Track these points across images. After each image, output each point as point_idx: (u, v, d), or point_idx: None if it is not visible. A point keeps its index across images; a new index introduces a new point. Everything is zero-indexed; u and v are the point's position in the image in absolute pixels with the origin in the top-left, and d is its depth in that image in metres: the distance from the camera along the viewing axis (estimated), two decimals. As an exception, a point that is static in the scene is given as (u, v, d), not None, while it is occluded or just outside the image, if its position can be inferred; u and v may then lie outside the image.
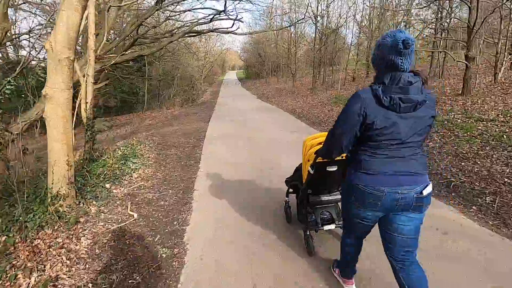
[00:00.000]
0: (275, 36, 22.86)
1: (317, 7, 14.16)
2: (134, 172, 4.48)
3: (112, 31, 13.67)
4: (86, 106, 4.86)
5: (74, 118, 5.13)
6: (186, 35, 11.08)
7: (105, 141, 9.24)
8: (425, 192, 1.43)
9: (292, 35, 19.42)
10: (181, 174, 4.45)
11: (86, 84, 4.78)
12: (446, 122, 5.88)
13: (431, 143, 5.00)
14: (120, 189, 3.80)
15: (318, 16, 13.77)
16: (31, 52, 8.56)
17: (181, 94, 22.21)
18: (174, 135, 7.49)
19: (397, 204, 1.44)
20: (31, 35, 14.90)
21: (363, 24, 14.90)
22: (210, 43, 29.44)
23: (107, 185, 3.81)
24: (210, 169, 4.59)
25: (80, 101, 4.97)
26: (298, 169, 2.58)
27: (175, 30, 11.77)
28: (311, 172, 2.04)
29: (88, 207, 3.17)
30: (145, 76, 18.51)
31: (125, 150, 5.74)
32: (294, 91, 16.10)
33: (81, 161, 4.44)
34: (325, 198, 2.39)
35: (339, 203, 2.18)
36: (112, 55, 9.31)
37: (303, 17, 13.92)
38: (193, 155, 5.45)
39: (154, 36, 12.11)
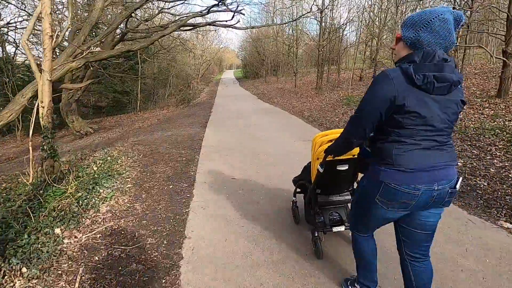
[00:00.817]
0: (275, 33, 21.64)
1: (323, 1, 12.95)
2: (103, 202, 3.25)
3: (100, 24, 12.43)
4: (44, 111, 3.60)
5: (32, 125, 3.93)
6: (180, 28, 9.81)
7: (88, 147, 7.99)
8: (458, 186, 1.31)
9: (294, 31, 18.21)
10: (169, 207, 3.22)
11: (42, 83, 3.53)
12: (498, 131, 4.72)
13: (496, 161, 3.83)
14: (75, 237, 2.57)
15: (325, 10, 12.55)
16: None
17: (177, 93, 20.96)
18: (165, 143, 6.26)
19: (431, 202, 1.31)
20: (10, 28, 13.54)
21: (372, 20, 13.72)
22: (207, 40, 28.17)
23: (57, 230, 2.58)
24: (208, 200, 3.37)
25: (38, 104, 3.71)
26: (306, 168, 2.43)
27: (170, 24, 10.50)
28: (321, 170, 1.89)
29: (12, 281, 1.94)
30: (138, 74, 17.23)
31: (102, 166, 4.51)
32: (297, 91, 14.90)
33: (32, 190, 3.21)
34: (334, 198, 2.29)
35: (349, 204, 2.21)
36: (96, 50, 8.07)
37: (306, 12, 12.71)
38: (186, 175, 4.22)
39: (146, 31, 10.87)
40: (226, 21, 9.49)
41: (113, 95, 18.21)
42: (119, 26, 9.24)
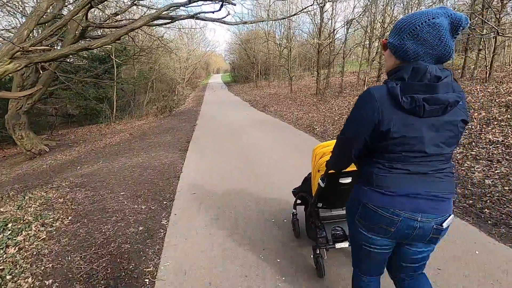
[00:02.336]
0: (266, 34, 19.61)
1: (324, -6, 10.99)
2: None
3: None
4: None
5: None
6: (154, 21, 7.62)
7: (27, 179, 5.69)
8: (445, 224, 1.10)
9: (288, 30, 16.23)
10: None
11: None
12: None
13: None
14: None
15: (327, 3, 10.60)
16: None
17: (160, 99, 18.66)
18: (122, 184, 4.06)
19: (412, 234, 1.11)
20: None
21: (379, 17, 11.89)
22: (193, 42, 25.90)
23: None
24: None
25: None
26: (307, 179, 2.19)
27: (142, 16, 8.29)
28: (322, 185, 1.67)
29: None
30: (114, 79, 14.88)
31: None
32: (295, 98, 12.87)
33: None
34: (337, 212, 2.04)
35: None
36: (42, 47, 5.83)
37: (307, 6, 10.73)
38: (140, 278, 2.06)
39: (115, 25, 8.62)
40: (213, 12, 7.36)
41: (84, 102, 15.73)
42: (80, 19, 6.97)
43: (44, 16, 6.43)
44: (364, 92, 1.08)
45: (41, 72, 8.21)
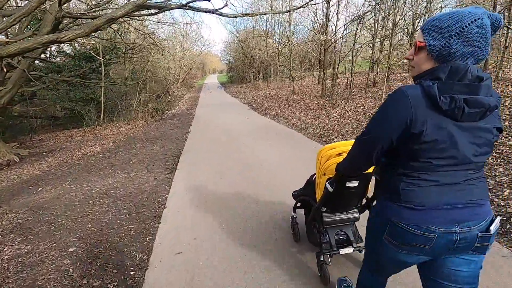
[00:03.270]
0: (265, 32, 18.36)
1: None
2: None
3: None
4: None
5: None
6: (139, 10, 6.34)
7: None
8: (492, 229, 0.96)
9: (289, 27, 15.01)
10: None
11: None
12: None
13: None
14: None
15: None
16: None
17: (153, 100, 17.34)
18: (75, 232, 2.78)
19: (454, 247, 0.97)
20: None
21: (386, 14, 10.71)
22: (188, 40, 24.55)
23: None
24: None
25: None
26: (310, 183, 2.07)
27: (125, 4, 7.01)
28: (330, 190, 1.55)
29: None
30: (101, 79, 13.58)
31: None
32: (298, 100, 11.66)
33: None
34: (340, 216, 1.88)
35: (356, 222, 1.98)
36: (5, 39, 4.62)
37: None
38: None
39: (95, 15, 7.33)
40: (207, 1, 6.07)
41: (70, 104, 14.34)
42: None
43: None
44: (395, 91, 0.97)
45: (4, 70, 6.88)
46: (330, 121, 7.23)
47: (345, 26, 9.56)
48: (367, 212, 1.79)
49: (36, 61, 14.00)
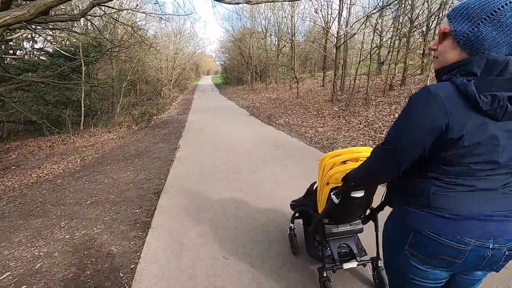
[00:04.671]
0: (264, 29, 16.69)
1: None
2: None
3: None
4: None
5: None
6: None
7: None
8: None
9: (291, 23, 13.36)
10: None
11: None
12: None
13: None
14: None
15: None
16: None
17: (144, 103, 15.55)
18: None
19: (482, 264, 0.85)
20: None
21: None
22: (181, 37, 22.72)
23: None
24: None
25: None
26: (311, 192, 1.93)
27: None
28: (336, 201, 1.39)
29: None
30: (82, 80, 11.85)
31: None
32: (306, 105, 10.01)
33: None
34: (344, 228, 1.72)
35: (359, 234, 1.83)
36: None
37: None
38: None
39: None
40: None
41: (45, 108, 12.52)
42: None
43: None
44: (421, 92, 0.82)
45: None
46: (358, 135, 5.59)
47: (366, 20, 7.91)
48: (370, 224, 1.70)
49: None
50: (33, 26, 7.39)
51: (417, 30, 9.96)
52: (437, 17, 8.39)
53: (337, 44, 9.56)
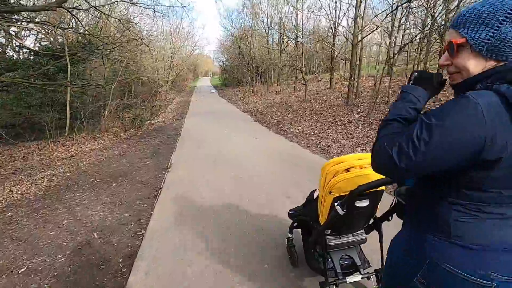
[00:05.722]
0: (266, 26, 15.45)
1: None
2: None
3: None
4: None
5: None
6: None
7: None
8: None
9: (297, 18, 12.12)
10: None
11: None
12: None
13: None
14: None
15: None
16: None
17: (138, 105, 14.23)
18: None
19: None
20: None
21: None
22: (179, 36, 21.45)
23: None
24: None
25: None
26: (311, 201, 1.74)
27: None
28: (341, 212, 1.29)
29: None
30: (72, 81, 10.62)
31: None
32: (317, 110, 8.76)
33: None
34: (347, 239, 1.56)
35: (361, 245, 1.65)
36: None
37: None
38: None
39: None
40: None
41: (28, 111, 11.25)
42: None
43: None
44: (460, 101, 0.63)
45: None
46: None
47: (392, 12, 6.67)
48: (374, 234, 1.59)
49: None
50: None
51: (438, 29, 8.75)
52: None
53: (353, 41, 8.32)
